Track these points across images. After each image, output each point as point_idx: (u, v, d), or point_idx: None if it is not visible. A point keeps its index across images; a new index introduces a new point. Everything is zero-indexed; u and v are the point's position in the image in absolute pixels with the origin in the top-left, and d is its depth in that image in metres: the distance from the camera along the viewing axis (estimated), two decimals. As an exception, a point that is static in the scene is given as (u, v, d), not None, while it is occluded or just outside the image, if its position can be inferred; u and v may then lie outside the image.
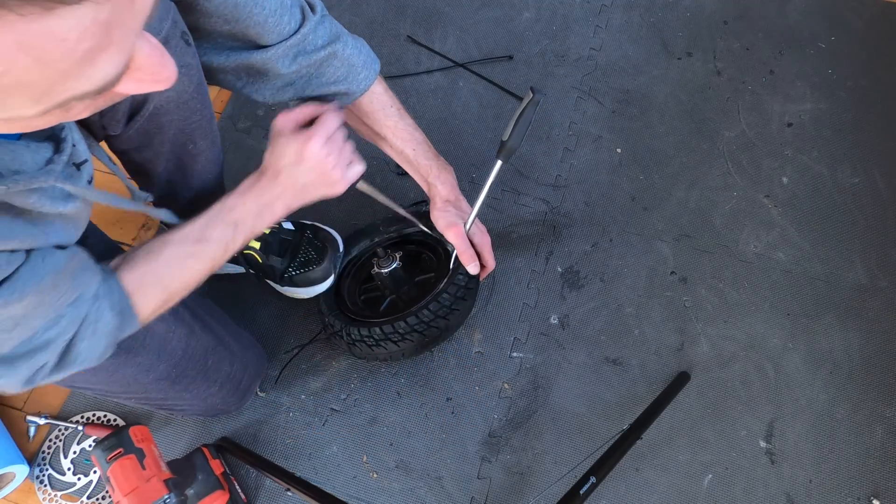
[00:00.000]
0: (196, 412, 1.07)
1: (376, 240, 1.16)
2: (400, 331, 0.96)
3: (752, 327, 1.13)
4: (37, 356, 0.61)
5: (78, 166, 0.60)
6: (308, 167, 0.79)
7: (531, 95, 0.82)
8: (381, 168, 1.29)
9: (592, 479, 0.87)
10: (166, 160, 0.93)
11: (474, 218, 0.94)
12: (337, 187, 0.83)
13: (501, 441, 1.07)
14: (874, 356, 1.10)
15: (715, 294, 1.16)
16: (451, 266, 1.01)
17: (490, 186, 0.91)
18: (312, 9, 0.82)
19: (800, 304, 1.14)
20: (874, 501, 1.01)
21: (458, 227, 0.94)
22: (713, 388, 1.09)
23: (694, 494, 1.02)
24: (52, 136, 0.56)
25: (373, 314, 1.06)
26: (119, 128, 0.82)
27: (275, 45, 0.78)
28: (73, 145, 0.58)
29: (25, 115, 0.35)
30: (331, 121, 0.80)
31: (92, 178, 0.64)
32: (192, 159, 0.96)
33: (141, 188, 1.03)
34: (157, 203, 1.06)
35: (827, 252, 1.18)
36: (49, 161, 0.54)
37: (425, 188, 0.97)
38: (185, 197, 1.03)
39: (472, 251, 0.95)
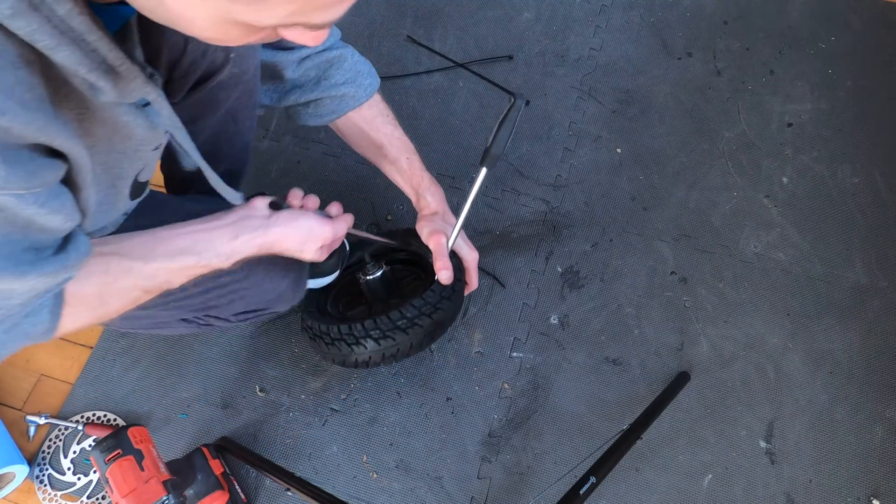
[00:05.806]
0: (240, 309, 0.95)
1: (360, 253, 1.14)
2: (380, 329, 0.93)
3: (752, 327, 1.13)
4: None
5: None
6: (292, 215, 0.79)
7: (513, 100, 0.82)
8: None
9: (592, 479, 0.87)
10: (207, 137, 0.92)
11: (461, 227, 0.92)
12: (306, 249, 0.81)
13: (501, 441, 1.07)
14: (874, 356, 1.10)
15: (715, 294, 1.16)
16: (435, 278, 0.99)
17: (476, 193, 0.89)
18: None
19: (800, 304, 1.14)
20: (874, 501, 1.01)
21: (441, 234, 0.93)
22: (713, 388, 1.09)
23: (694, 494, 1.02)
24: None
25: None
26: (180, 95, 0.80)
27: (293, 49, 0.85)
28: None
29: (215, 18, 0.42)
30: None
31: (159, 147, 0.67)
32: (229, 140, 0.96)
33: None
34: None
35: (827, 252, 1.18)
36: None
37: (414, 200, 0.97)
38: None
39: (447, 260, 0.93)
